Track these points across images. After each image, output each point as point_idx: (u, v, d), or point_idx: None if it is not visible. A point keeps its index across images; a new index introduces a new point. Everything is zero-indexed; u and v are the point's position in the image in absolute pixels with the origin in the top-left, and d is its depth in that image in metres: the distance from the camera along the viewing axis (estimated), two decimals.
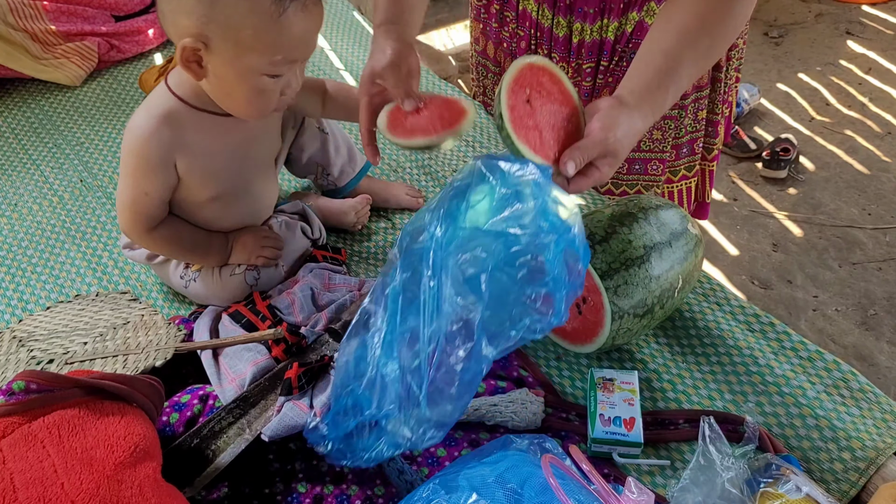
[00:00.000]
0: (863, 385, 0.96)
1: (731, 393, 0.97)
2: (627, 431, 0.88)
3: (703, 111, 1.31)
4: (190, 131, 0.99)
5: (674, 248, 0.99)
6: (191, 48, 0.88)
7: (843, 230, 2.41)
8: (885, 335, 2.07)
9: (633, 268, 0.94)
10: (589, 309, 0.96)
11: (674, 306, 1.02)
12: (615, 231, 0.97)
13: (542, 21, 1.25)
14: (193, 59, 0.90)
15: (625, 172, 1.35)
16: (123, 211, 1.03)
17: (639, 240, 0.96)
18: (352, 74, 1.69)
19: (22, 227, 1.31)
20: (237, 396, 0.91)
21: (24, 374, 0.73)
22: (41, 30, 1.68)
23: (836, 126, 2.84)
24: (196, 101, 0.98)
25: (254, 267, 1.10)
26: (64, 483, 0.66)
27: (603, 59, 1.24)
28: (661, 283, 0.96)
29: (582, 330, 0.98)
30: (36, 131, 1.56)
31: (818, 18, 3.45)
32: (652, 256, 0.96)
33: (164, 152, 0.98)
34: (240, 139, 1.05)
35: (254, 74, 0.91)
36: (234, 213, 1.10)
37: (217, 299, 1.10)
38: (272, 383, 0.93)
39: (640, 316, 0.96)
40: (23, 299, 1.17)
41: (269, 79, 0.93)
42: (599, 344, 0.96)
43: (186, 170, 1.01)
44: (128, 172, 1.00)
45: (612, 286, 0.92)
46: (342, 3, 1.99)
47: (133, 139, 0.97)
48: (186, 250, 1.08)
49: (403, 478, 0.84)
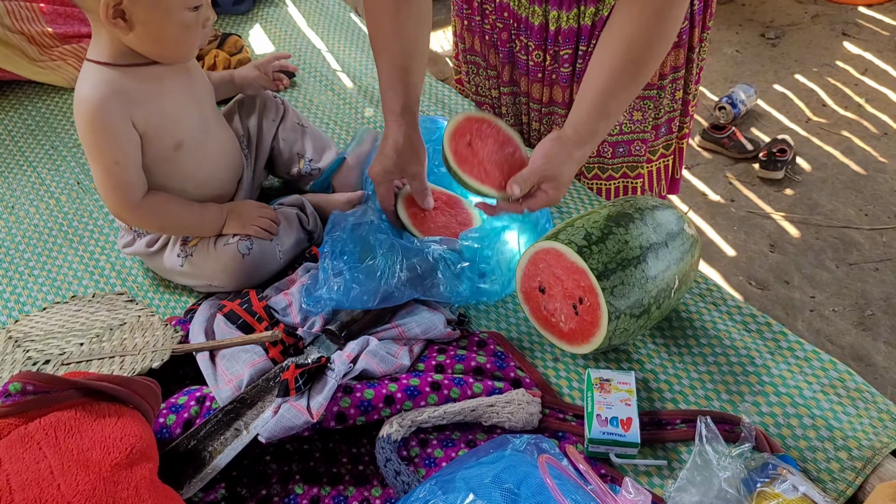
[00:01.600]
0: (859, 385, 0.96)
1: (728, 393, 0.97)
2: (624, 432, 0.89)
3: (679, 91, 1.35)
4: (131, 88, 1.03)
5: (670, 248, 0.99)
6: (113, 3, 0.94)
7: (839, 231, 2.41)
8: (882, 335, 2.07)
9: (630, 268, 0.94)
10: (585, 310, 0.96)
11: (670, 307, 1.02)
12: (611, 231, 0.97)
13: (519, 11, 1.27)
14: (117, 14, 0.95)
15: (610, 157, 1.38)
16: (105, 190, 1.05)
17: (635, 240, 0.96)
18: (349, 76, 1.69)
19: (19, 230, 1.31)
20: (234, 398, 0.91)
21: (20, 376, 0.73)
22: (38, 32, 1.68)
23: (833, 127, 2.84)
24: (122, 59, 1.03)
25: (247, 236, 1.11)
26: (60, 484, 0.66)
27: (581, 44, 1.26)
28: (657, 283, 0.96)
29: (579, 331, 0.98)
30: (33, 133, 1.56)
31: (814, 20, 3.46)
32: (648, 257, 0.96)
33: (118, 114, 1.01)
34: (177, 81, 1.09)
35: (178, 11, 0.99)
36: (202, 160, 1.13)
37: (212, 272, 1.11)
38: (269, 385, 0.93)
39: (637, 316, 0.96)
40: (19, 301, 1.17)
41: (191, 12, 1.00)
42: (596, 345, 0.96)
43: (144, 121, 1.04)
44: (94, 152, 1.03)
45: (608, 286, 0.92)
46: (339, 4, 1.99)
47: (85, 116, 1.01)
48: (180, 219, 1.10)
49: (400, 479, 0.84)
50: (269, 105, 1.28)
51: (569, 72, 1.29)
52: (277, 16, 1.94)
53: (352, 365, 0.94)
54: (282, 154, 1.28)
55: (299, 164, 1.29)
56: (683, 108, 1.39)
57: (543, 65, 1.32)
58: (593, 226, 0.98)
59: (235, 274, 1.10)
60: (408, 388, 0.92)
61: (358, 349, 0.97)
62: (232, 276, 1.10)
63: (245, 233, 1.11)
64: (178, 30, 1.00)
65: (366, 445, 0.93)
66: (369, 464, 0.91)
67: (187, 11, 0.99)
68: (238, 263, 1.09)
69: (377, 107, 1.57)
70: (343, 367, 0.93)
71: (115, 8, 0.94)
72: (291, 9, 1.97)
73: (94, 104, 1.00)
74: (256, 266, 1.11)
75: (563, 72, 1.29)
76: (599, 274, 0.93)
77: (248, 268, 1.10)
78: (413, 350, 1.01)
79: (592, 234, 0.96)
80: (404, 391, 0.92)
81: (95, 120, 1.00)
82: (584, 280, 0.94)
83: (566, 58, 1.27)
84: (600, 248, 0.95)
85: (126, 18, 0.96)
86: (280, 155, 1.28)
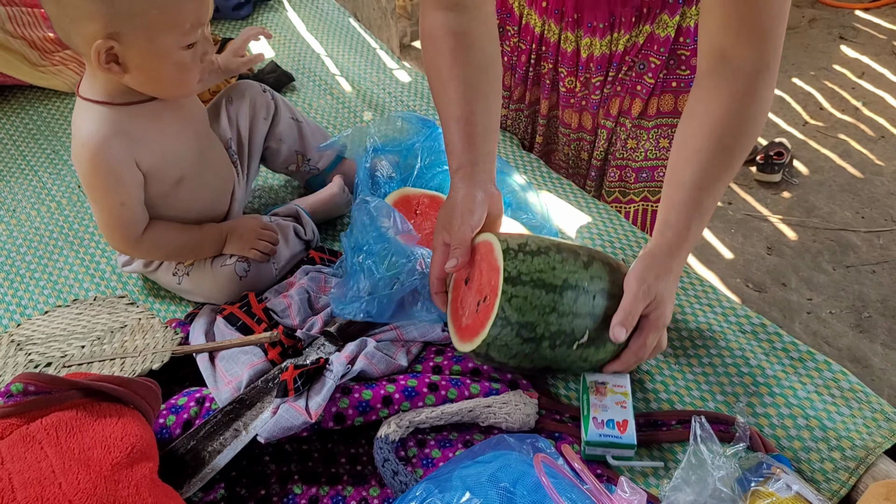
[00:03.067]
0: (853, 384, 0.97)
1: (723, 394, 0.98)
2: (621, 434, 0.89)
3: None
4: (132, 127, 1.00)
5: (595, 302, 0.89)
6: (105, 49, 0.90)
7: (836, 233, 2.42)
8: (879, 337, 2.08)
9: (540, 290, 0.87)
10: (484, 308, 0.90)
11: (567, 358, 0.90)
12: (547, 253, 0.89)
13: (549, 36, 1.25)
14: (110, 58, 0.92)
15: (632, 182, 1.36)
16: (108, 230, 1.03)
17: (565, 273, 0.88)
18: (347, 80, 1.70)
19: (20, 233, 1.32)
20: (233, 399, 0.92)
21: (22, 377, 0.74)
22: (39, 37, 1.69)
23: (830, 130, 2.86)
24: (121, 98, 0.99)
25: (245, 259, 1.10)
26: (62, 483, 0.66)
27: (611, 70, 1.24)
28: (561, 323, 0.87)
29: (472, 327, 0.91)
30: (34, 137, 1.57)
31: (812, 23, 3.48)
32: (567, 294, 0.87)
33: (122, 156, 0.99)
34: (176, 114, 1.06)
35: (172, 51, 0.94)
36: (200, 189, 1.11)
37: (208, 291, 1.11)
38: (268, 386, 0.94)
39: (525, 339, 0.87)
40: (21, 304, 1.18)
41: (186, 51, 0.95)
42: (475, 345, 0.89)
43: (148, 161, 1.02)
44: (97, 193, 1.00)
45: (510, 293, 0.86)
46: (338, 10, 2.00)
47: (87, 161, 0.98)
48: (181, 245, 1.08)
49: (398, 478, 0.85)
50: (259, 103, 1.22)
51: (598, 99, 1.28)
52: (277, 21, 1.95)
53: (350, 366, 0.95)
54: (279, 153, 1.26)
55: (298, 162, 1.29)
56: None
57: (574, 91, 1.31)
58: (538, 241, 0.91)
59: (231, 294, 1.10)
60: (405, 389, 0.93)
61: (356, 350, 0.98)
62: (228, 295, 1.10)
63: (244, 255, 1.10)
64: (175, 70, 0.96)
65: (364, 446, 0.94)
66: (367, 464, 0.91)
67: (182, 50, 0.95)
68: (235, 285, 1.10)
69: (376, 111, 1.59)
70: (341, 368, 0.94)
71: (107, 53, 0.91)
72: (291, 14, 1.98)
73: (96, 147, 0.96)
74: (253, 285, 1.11)
75: (594, 99, 1.28)
76: (509, 277, 0.87)
77: (244, 287, 1.10)
78: (411, 351, 1.02)
79: (529, 245, 0.90)
80: (402, 392, 0.93)
81: (99, 163, 0.97)
82: (495, 279, 0.88)
83: (597, 85, 1.26)
84: (525, 259, 0.88)
85: (119, 62, 0.93)
86: (277, 154, 1.26)
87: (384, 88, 1.66)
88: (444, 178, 1.23)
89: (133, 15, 0.89)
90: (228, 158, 1.18)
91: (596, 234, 1.23)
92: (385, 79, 1.70)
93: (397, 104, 1.60)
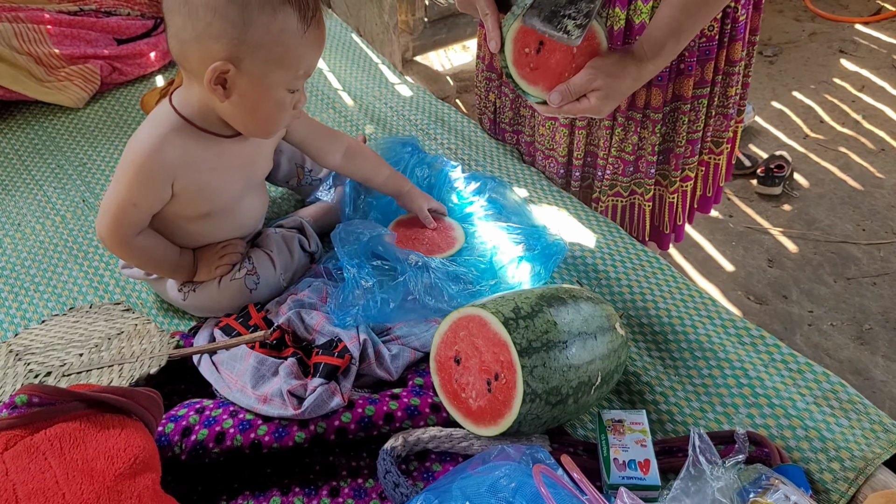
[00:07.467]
0: (851, 396, 0.97)
1: (723, 405, 0.98)
2: (644, 475, 0.86)
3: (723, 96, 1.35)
4: (192, 151, 1.01)
5: (598, 341, 0.91)
6: (221, 70, 0.91)
7: (837, 246, 2.43)
8: (880, 349, 2.08)
9: (554, 351, 0.86)
10: (500, 387, 0.87)
11: (587, 404, 0.92)
12: (542, 310, 0.89)
13: None
14: (219, 81, 0.93)
15: (621, 174, 1.37)
16: (106, 216, 1.03)
17: (565, 324, 0.89)
18: (350, 95, 1.72)
19: (25, 246, 1.33)
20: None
21: (26, 388, 0.74)
22: (45, 53, 1.71)
23: (830, 143, 2.87)
24: (201, 121, 1.01)
25: (253, 271, 1.11)
26: (65, 494, 0.67)
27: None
28: (579, 373, 0.88)
29: (489, 409, 0.88)
30: (39, 152, 1.59)
31: (812, 37, 3.50)
32: (575, 344, 0.88)
33: (166, 170, 1.00)
34: (240, 161, 1.08)
35: (278, 90, 0.96)
36: (223, 228, 1.13)
37: (218, 305, 1.11)
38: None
39: (553, 405, 0.87)
40: (25, 317, 1.19)
41: (288, 93, 0.98)
42: (504, 427, 0.87)
43: (183, 188, 1.03)
44: (123, 181, 1.01)
45: (528, 365, 0.84)
46: (341, 26, 2.02)
47: (136, 152, 0.99)
48: (156, 264, 1.09)
49: (399, 490, 0.85)
50: None
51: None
52: None
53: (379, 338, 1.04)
54: (279, 166, 1.28)
55: (299, 175, 1.30)
56: (725, 119, 1.38)
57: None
58: (524, 301, 0.90)
59: (242, 305, 1.12)
60: (408, 408, 0.94)
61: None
62: (239, 308, 1.12)
63: (214, 276, 1.10)
64: (273, 107, 0.98)
65: (365, 459, 0.94)
66: (368, 477, 0.92)
67: (286, 91, 0.97)
68: (246, 297, 1.11)
69: (377, 125, 1.60)
70: (357, 349, 1.00)
71: (219, 75, 0.92)
72: None
73: (150, 146, 0.98)
74: (262, 297, 1.13)
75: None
76: (522, 350, 0.84)
77: (254, 299, 1.12)
78: (414, 354, 1.04)
79: (522, 308, 0.88)
80: (405, 410, 0.93)
81: (142, 161, 0.99)
82: (505, 354, 0.85)
83: None
84: (527, 325, 0.87)
85: (226, 87, 0.94)
86: (278, 167, 1.28)
87: (386, 103, 1.68)
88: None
89: (260, 47, 0.91)
90: (265, 193, 1.21)
91: (595, 247, 1.24)
92: (387, 93, 1.72)
93: (399, 118, 1.62)
